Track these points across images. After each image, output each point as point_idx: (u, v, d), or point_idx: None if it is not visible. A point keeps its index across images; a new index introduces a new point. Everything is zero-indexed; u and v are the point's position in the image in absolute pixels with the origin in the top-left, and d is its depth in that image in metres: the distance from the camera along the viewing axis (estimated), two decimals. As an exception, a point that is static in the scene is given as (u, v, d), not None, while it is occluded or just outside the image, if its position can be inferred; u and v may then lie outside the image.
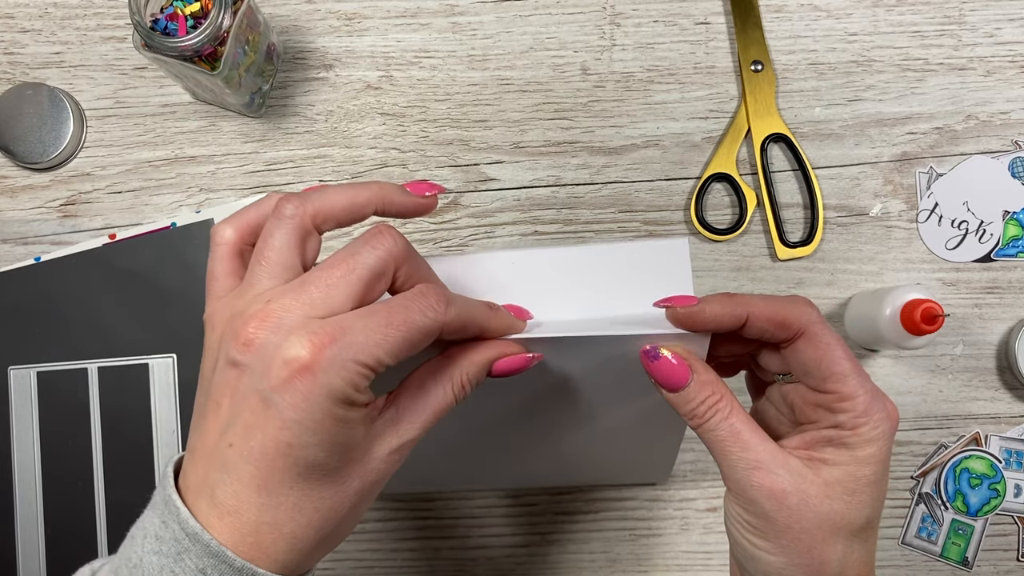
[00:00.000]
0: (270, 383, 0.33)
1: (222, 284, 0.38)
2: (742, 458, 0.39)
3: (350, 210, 0.39)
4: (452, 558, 0.60)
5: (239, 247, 0.39)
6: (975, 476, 0.60)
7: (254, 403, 0.34)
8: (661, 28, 0.62)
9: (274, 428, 0.33)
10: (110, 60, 0.62)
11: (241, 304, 0.36)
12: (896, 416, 0.39)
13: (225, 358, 0.35)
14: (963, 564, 0.60)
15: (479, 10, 0.62)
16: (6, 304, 0.60)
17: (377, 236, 0.36)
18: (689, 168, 0.61)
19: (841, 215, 0.61)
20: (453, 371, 0.39)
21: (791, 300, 0.40)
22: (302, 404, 0.33)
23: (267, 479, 0.34)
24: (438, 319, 0.36)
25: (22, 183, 0.61)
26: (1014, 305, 0.61)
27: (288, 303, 0.35)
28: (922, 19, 0.62)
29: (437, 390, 0.39)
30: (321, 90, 0.62)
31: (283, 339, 0.33)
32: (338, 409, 0.33)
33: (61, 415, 0.60)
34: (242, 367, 0.34)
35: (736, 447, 0.39)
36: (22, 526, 0.59)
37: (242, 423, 0.34)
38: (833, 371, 0.39)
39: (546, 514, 0.60)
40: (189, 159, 0.61)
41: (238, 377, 0.34)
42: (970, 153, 0.61)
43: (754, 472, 0.39)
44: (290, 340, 0.33)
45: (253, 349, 0.34)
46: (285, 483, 0.34)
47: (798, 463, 0.39)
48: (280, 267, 0.37)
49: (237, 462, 0.34)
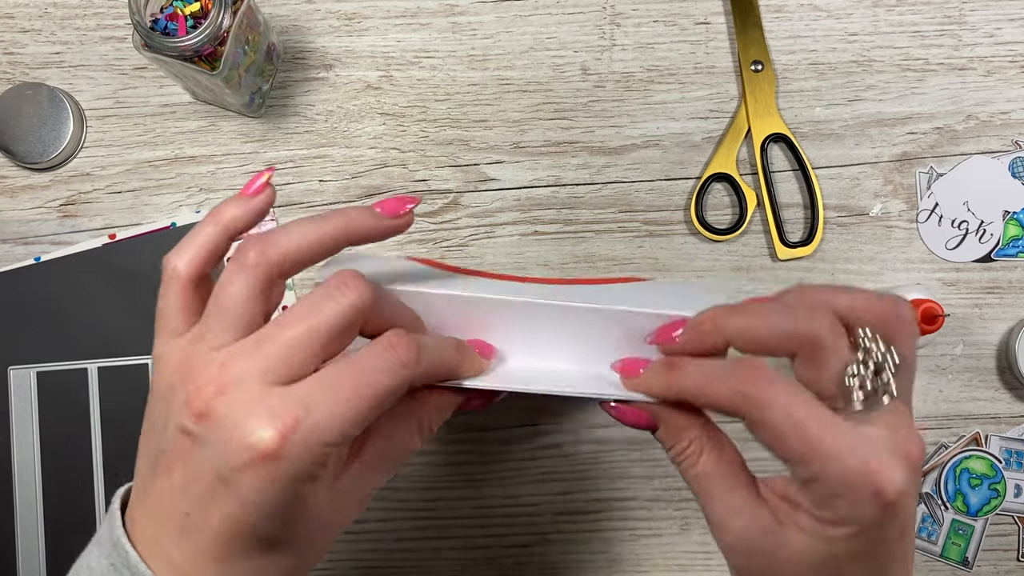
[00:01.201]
0: (229, 463, 0.32)
1: (175, 323, 0.36)
2: (705, 511, 0.36)
3: (318, 250, 0.36)
4: (452, 558, 0.60)
5: (193, 280, 0.37)
6: (975, 476, 0.60)
7: (211, 480, 0.32)
8: (661, 28, 0.62)
9: (233, 507, 0.32)
10: (110, 60, 0.62)
11: (194, 361, 0.34)
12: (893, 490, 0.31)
13: (177, 425, 0.33)
14: (963, 564, 0.60)
15: (479, 10, 0.62)
16: (6, 304, 0.60)
17: (341, 287, 0.34)
18: (689, 168, 0.61)
19: (841, 215, 0.61)
20: (421, 418, 0.38)
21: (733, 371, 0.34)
22: (265, 487, 0.32)
23: (226, 552, 0.33)
24: (408, 375, 0.34)
25: (22, 183, 0.61)
26: (1014, 305, 0.61)
27: (245, 368, 0.32)
28: (922, 19, 0.62)
29: (404, 438, 0.38)
30: (321, 90, 0.62)
31: (243, 419, 0.31)
32: (302, 488, 0.32)
33: (61, 415, 0.60)
34: (196, 438, 0.33)
35: (701, 499, 0.37)
36: (22, 526, 0.59)
37: (198, 496, 0.33)
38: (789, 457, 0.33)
39: (546, 514, 0.60)
40: (189, 159, 0.61)
41: (191, 447, 0.33)
42: (970, 153, 0.61)
43: (715, 528, 0.36)
44: (250, 424, 0.31)
45: (209, 422, 0.32)
46: (245, 555, 0.33)
47: (767, 518, 0.34)
48: (238, 320, 0.34)
49: (194, 532, 0.33)
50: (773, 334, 0.34)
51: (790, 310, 0.35)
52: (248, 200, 0.37)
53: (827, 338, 0.34)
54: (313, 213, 0.61)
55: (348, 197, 0.61)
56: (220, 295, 0.35)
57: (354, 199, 0.61)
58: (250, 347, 0.33)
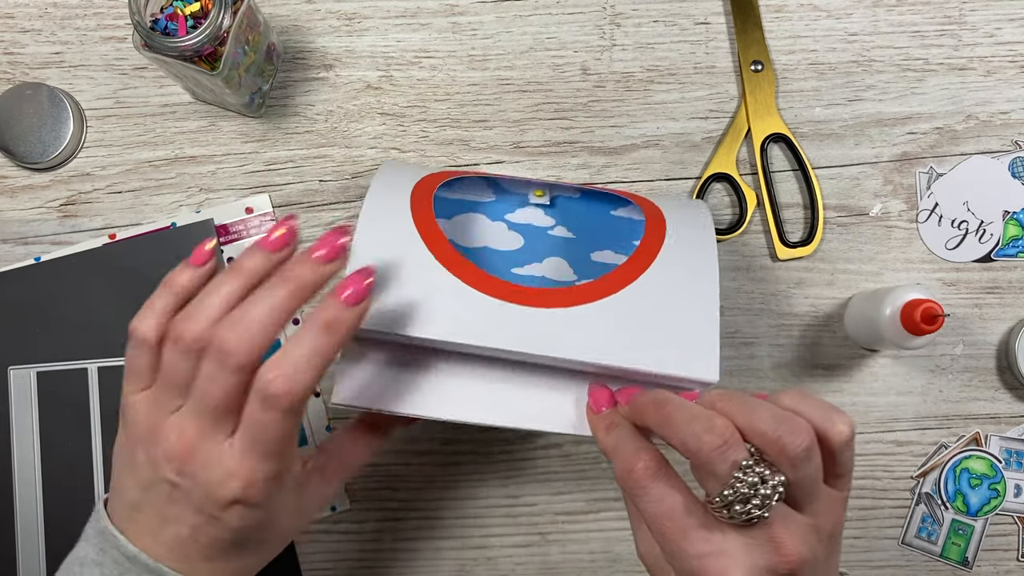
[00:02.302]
0: (214, 506, 0.40)
1: (144, 381, 0.43)
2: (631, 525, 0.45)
3: (276, 332, 0.41)
4: (452, 558, 0.60)
5: (158, 343, 0.43)
6: (975, 476, 0.60)
7: (199, 516, 0.41)
8: (661, 28, 0.62)
9: (221, 532, 0.41)
10: (110, 60, 0.62)
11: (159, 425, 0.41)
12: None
13: (162, 477, 0.41)
14: (963, 564, 0.60)
15: (479, 10, 0.62)
16: (6, 304, 0.60)
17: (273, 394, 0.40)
18: (689, 168, 0.61)
19: (841, 215, 0.61)
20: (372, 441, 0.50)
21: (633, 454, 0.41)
22: (246, 516, 0.41)
23: (214, 554, 0.42)
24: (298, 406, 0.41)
25: (22, 183, 0.61)
26: (1014, 305, 0.61)
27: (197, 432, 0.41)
28: (922, 19, 0.62)
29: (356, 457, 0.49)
30: (321, 90, 0.62)
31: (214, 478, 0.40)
32: (273, 506, 0.42)
33: (61, 415, 0.60)
34: (180, 487, 0.41)
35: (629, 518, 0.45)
36: (22, 526, 0.59)
37: (189, 525, 0.41)
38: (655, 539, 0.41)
39: (546, 514, 0.60)
40: (189, 159, 0.61)
41: (177, 493, 0.41)
42: (970, 153, 0.61)
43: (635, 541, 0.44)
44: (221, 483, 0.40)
45: (187, 478, 0.41)
46: (232, 553, 0.42)
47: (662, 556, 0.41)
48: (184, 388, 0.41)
49: (186, 547, 0.41)
50: (674, 439, 0.40)
51: (693, 422, 0.39)
52: (196, 268, 0.44)
53: (707, 456, 0.38)
54: (313, 213, 0.61)
55: (348, 197, 0.61)
56: (164, 371, 0.42)
57: (354, 199, 0.61)
58: (189, 417, 0.41)
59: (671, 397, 0.41)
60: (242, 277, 0.42)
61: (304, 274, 0.41)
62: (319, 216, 0.61)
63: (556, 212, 0.54)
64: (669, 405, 0.41)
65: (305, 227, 0.61)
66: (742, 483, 0.38)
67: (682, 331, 0.46)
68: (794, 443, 0.38)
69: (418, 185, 0.50)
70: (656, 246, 0.49)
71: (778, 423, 0.38)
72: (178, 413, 0.41)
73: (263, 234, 0.47)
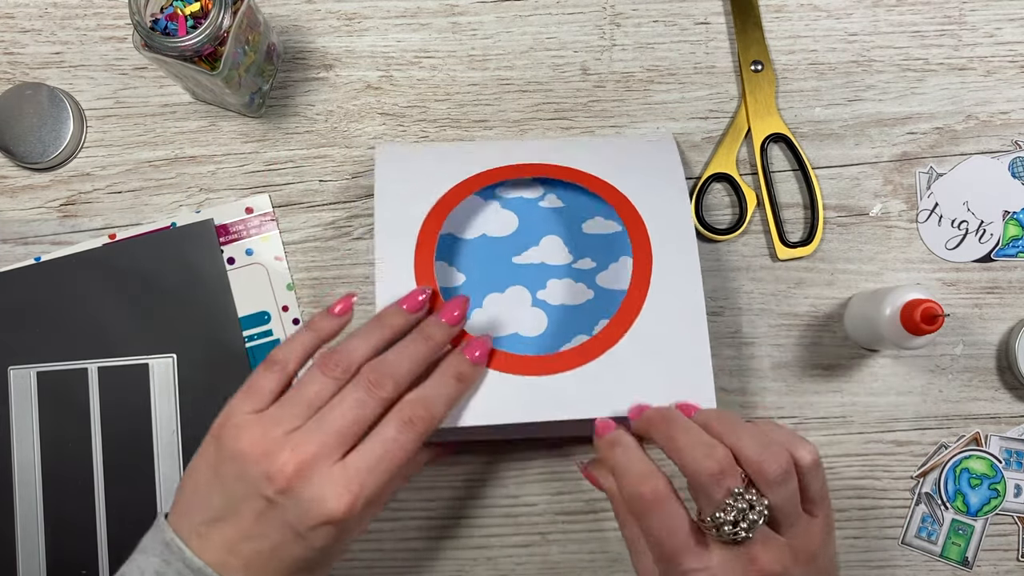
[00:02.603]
0: (306, 524, 0.44)
1: (262, 402, 0.47)
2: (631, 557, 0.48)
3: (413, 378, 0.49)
4: (452, 558, 0.60)
5: (294, 374, 0.49)
6: (975, 476, 0.60)
7: (287, 533, 0.44)
8: (661, 28, 0.62)
9: (303, 552, 0.45)
10: (110, 60, 0.62)
11: (272, 442, 0.45)
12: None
13: (258, 491, 0.45)
14: (963, 564, 0.60)
15: (479, 10, 0.62)
16: (6, 304, 0.60)
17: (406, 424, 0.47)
18: (689, 168, 0.61)
19: (841, 215, 0.61)
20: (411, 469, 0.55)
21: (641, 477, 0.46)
22: (329, 539, 0.45)
23: (287, 573, 0.45)
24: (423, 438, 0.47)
25: (22, 183, 0.61)
26: (1014, 305, 0.61)
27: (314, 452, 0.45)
28: (922, 19, 0.62)
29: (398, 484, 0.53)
30: (321, 90, 0.62)
31: (318, 494, 0.44)
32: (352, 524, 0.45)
33: (61, 415, 0.60)
34: (276, 504, 0.44)
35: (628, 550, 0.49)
36: (22, 526, 0.59)
37: (271, 542, 0.45)
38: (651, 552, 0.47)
39: (546, 514, 0.60)
40: (189, 159, 0.61)
41: (270, 509, 0.45)
42: (970, 153, 0.61)
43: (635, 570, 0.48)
44: (324, 499, 0.44)
45: (289, 494, 0.44)
46: (302, 573, 0.46)
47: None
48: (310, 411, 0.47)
49: (263, 564, 0.45)
50: (676, 459, 0.46)
51: (695, 448, 0.45)
52: (336, 317, 0.51)
53: (705, 480, 0.44)
54: (313, 213, 0.61)
55: (348, 197, 0.61)
56: (302, 390, 0.47)
57: (354, 199, 0.61)
58: (313, 434, 0.45)
59: (677, 417, 0.47)
60: (385, 330, 0.50)
61: (438, 334, 0.50)
62: (319, 216, 0.61)
63: (543, 183, 0.60)
64: (675, 426, 0.47)
65: (305, 227, 0.61)
66: (732, 508, 0.43)
67: (679, 368, 0.53)
68: (773, 468, 0.44)
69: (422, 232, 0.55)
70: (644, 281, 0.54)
71: (762, 448, 0.44)
72: (297, 432, 0.46)
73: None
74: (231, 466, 0.45)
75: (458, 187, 0.56)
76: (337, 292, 0.60)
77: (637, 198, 0.56)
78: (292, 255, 0.61)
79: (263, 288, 0.60)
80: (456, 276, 0.58)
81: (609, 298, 0.59)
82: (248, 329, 0.60)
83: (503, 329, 0.58)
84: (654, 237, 0.55)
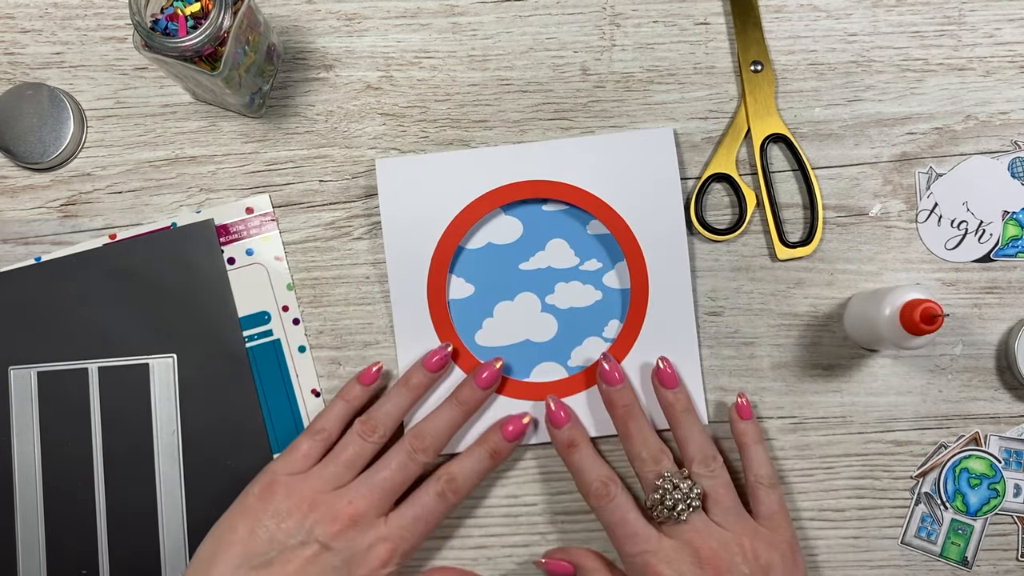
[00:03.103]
0: (354, 569, 0.52)
1: (304, 464, 0.55)
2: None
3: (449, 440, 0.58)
4: (452, 558, 0.60)
5: (332, 444, 0.56)
6: (975, 476, 0.60)
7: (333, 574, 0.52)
8: (661, 28, 0.62)
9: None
10: (110, 60, 0.62)
11: (325, 497, 0.53)
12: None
13: (313, 537, 0.52)
14: (963, 564, 0.60)
15: (479, 10, 0.62)
16: (6, 304, 0.60)
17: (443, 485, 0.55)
18: (689, 168, 0.61)
19: (841, 215, 0.61)
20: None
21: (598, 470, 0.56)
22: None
23: None
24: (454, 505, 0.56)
25: (22, 183, 0.61)
26: (1014, 305, 0.61)
27: (365, 506, 0.53)
28: (922, 19, 0.62)
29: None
30: (321, 90, 0.62)
31: (368, 543, 0.53)
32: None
33: (61, 415, 0.60)
34: (329, 548, 0.52)
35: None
36: (22, 526, 0.59)
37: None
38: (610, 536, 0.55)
39: (546, 514, 0.60)
40: (189, 159, 0.61)
41: (322, 553, 0.52)
42: (970, 153, 0.61)
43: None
44: (374, 547, 0.53)
45: (342, 540, 0.52)
46: None
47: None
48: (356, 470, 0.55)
49: None
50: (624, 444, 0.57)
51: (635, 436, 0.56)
52: (365, 387, 0.58)
53: (638, 467, 0.55)
54: (313, 213, 0.61)
55: (348, 197, 0.61)
56: (344, 453, 0.55)
57: (354, 199, 0.61)
58: (364, 490, 0.54)
59: (637, 412, 0.57)
60: (412, 392, 0.57)
61: (472, 397, 0.57)
62: (319, 216, 0.61)
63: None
64: (631, 417, 0.56)
65: (305, 227, 0.61)
66: (662, 489, 0.53)
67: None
68: (697, 455, 0.55)
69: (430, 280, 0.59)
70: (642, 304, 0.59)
71: (698, 443, 0.55)
72: (347, 488, 0.54)
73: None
74: (281, 520, 0.52)
75: (461, 217, 0.59)
76: (337, 292, 0.61)
77: (627, 208, 0.59)
78: (292, 255, 0.61)
79: (263, 288, 0.60)
80: (465, 287, 0.59)
81: (617, 298, 0.60)
82: (248, 329, 0.60)
83: (514, 337, 0.60)
84: (643, 242, 0.59)
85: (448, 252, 0.59)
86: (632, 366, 0.59)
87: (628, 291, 0.59)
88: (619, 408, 0.57)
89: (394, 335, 0.59)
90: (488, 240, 0.60)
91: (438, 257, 0.59)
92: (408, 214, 0.59)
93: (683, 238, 0.59)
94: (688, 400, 0.57)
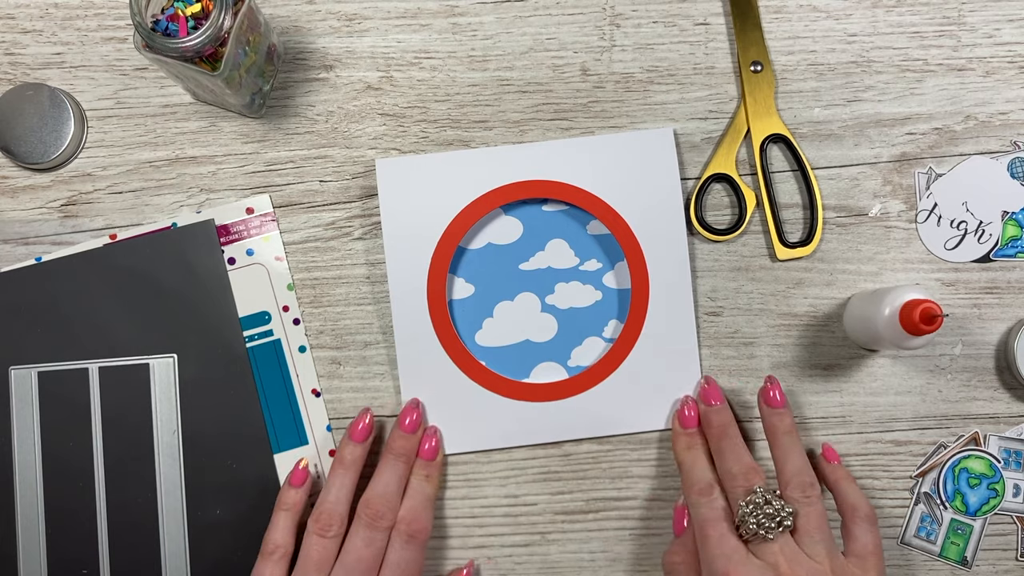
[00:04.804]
0: None
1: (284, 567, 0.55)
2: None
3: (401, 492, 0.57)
4: (452, 558, 0.60)
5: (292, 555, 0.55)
6: (974, 476, 0.60)
7: None
8: (661, 29, 0.62)
9: None
10: (111, 61, 0.62)
11: None
12: None
13: None
14: (962, 564, 0.60)
15: (479, 11, 0.62)
16: (7, 304, 0.60)
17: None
18: (689, 168, 0.62)
19: (840, 215, 0.61)
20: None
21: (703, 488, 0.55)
22: None
23: None
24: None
25: (23, 183, 0.61)
26: (1013, 305, 0.61)
27: None
28: (921, 20, 0.62)
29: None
30: (321, 91, 0.62)
31: None
32: None
33: (62, 415, 0.60)
34: None
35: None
36: (23, 526, 0.59)
37: None
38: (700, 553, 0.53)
39: (546, 514, 0.60)
40: (190, 159, 0.61)
41: None
42: (969, 153, 0.61)
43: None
44: None
45: None
46: None
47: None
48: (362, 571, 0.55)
49: None
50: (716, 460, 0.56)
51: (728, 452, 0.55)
52: (299, 487, 0.57)
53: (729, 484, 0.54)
54: (313, 213, 0.61)
55: (348, 197, 0.61)
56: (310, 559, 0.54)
57: (354, 199, 0.61)
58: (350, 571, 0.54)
59: (731, 432, 0.56)
60: (350, 470, 0.57)
61: (406, 447, 0.57)
62: (319, 216, 0.61)
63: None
64: (724, 437, 0.56)
65: (306, 227, 0.61)
66: (751, 504, 0.51)
67: (671, 389, 0.59)
68: (795, 480, 0.53)
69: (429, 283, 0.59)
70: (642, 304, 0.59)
71: (796, 467, 0.54)
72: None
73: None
74: None
75: (461, 217, 0.59)
76: (338, 292, 0.61)
77: (627, 208, 0.59)
78: (292, 255, 0.61)
79: (263, 288, 0.60)
80: (465, 287, 0.59)
81: (616, 298, 0.60)
82: (248, 329, 0.60)
83: (514, 337, 0.60)
84: (643, 242, 0.59)
85: (448, 252, 0.59)
86: (632, 366, 0.59)
87: (628, 291, 0.59)
88: (715, 427, 0.57)
89: (394, 335, 0.59)
90: (488, 240, 0.60)
91: (438, 257, 0.59)
92: (408, 214, 0.59)
93: (683, 238, 0.59)
94: (792, 424, 0.56)
